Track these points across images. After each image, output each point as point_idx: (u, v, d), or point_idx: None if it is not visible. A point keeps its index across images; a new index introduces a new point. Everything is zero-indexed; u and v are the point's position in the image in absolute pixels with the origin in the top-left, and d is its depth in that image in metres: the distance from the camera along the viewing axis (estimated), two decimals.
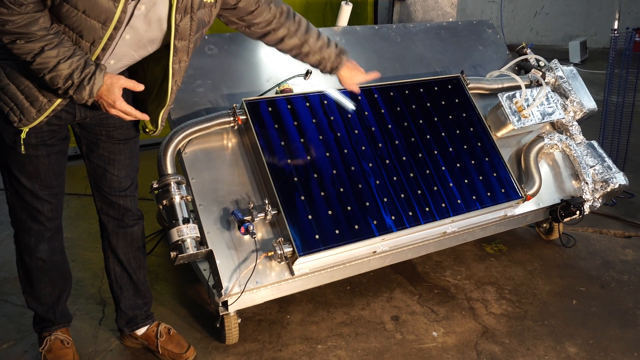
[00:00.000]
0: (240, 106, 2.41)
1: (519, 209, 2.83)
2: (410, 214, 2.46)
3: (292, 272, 2.25)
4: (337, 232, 2.29)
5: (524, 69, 3.27)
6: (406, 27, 3.22)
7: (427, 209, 2.51)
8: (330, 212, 2.32)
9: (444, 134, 2.74)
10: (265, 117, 2.41)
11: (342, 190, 2.39)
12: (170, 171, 2.19)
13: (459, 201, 2.59)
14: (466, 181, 2.65)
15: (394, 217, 2.42)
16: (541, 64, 3.27)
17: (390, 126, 2.64)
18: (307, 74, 2.69)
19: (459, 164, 2.68)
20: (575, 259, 3.12)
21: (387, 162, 2.54)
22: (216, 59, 2.63)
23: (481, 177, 2.69)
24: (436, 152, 2.67)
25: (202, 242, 2.17)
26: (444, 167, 2.64)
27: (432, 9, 4.46)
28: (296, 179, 2.33)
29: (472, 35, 3.37)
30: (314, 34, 2.18)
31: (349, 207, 2.36)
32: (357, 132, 2.56)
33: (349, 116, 2.58)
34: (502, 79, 3.07)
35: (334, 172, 2.42)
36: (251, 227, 2.15)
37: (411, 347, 2.40)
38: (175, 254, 2.07)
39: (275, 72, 2.71)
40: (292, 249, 2.19)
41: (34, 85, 1.69)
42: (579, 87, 3.20)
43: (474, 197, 2.63)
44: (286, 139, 2.40)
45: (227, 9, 1.95)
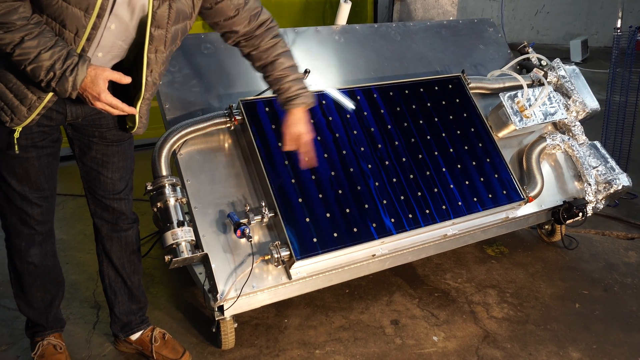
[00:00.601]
0: (236, 106, 2.36)
1: (520, 211, 2.78)
2: (410, 216, 2.42)
3: (289, 276, 2.20)
4: (335, 235, 2.25)
5: (525, 68, 3.22)
6: (406, 26, 3.17)
7: (427, 211, 2.46)
8: (328, 215, 2.27)
9: (444, 134, 2.69)
10: (262, 117, 2.37)
11: (340, 192, 2.34)
12: (164, 173, 2.15)
13: (460, 203, 2.54)
14: (467, 182, 2.60)
15: (393, 220, 2.38)
16: (543, 63, 3.22)
17: (389, 127, 2.59)
18: (306, 73, 2.64)
19: (459, 165, 2.64)
20: (577, 262, 3.08)
21: (387, 163, 2.49)
22: (212, 58, 2.58)
23: (482, 179, 2.65)
24: (436, 153, 2.62)
25: (197, 245, 2.12)
26: (444, 169, 2.59)
27: (432, 7, 4.42)
28: (294, 181, 2.28)
29: (473, 34, 3.33)
30: (285, 63, 2.02)
31: (347, 210, 2.31)
32: (356, 132, 2.51)
33: (348, 116, 2.53)
34: (504, 79, 3.02)
35: (333, 173, 2.37)
36: (247, 231, 2.10)
37: (411, 352, 2.36)
38: (169, 257, 2.02)
39: None
40: (289, 253, 2.15)
41: (22, 82, 1.64)
42: (581, 86, 3.15)
43: (475, 199, 2.58)
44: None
45: (206, 9, 1.86)
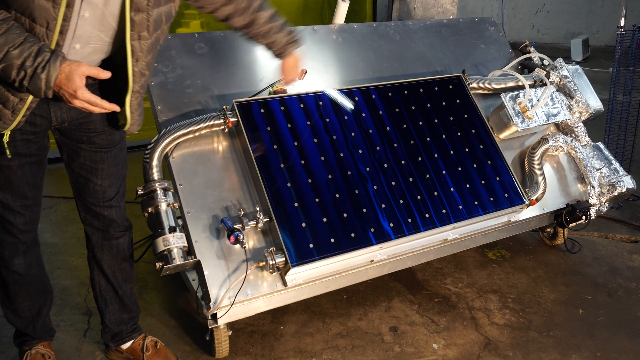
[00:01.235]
0: (231, 108, 2.29)
1: (522, 214, 2.72)
2: (409, 220, 2.35)
3: (284, 283, 2.14)
4: (332, 240, 2.18)
5: (527, 68, 3.15)
6: (405, 25, 3.10)
7: (427, 215, 2.39)
8: (325, 220, 2.20)
9: (444, 136, 2.62)
10: (257, 119, 2.30)
11: (337, 196, 2.28)
12: (156, 176, 2.08)
13: (461, 207, 2.47)
14: (468, 186, 2.54)
15: (392, 224, 2.31)
16: (545, 62, 3.15)
17: (388, 128, 2.53)
18: (302, 73, 2.57)
19: (460, 168, 2.57)
20: (580, 265, 3.01)
21: (385, 166, 2.43)
22: (206, 58, 2.52)
23: (483, 182, 2.58)
24: (436, 155, 2.55)
25: (189, 251, 2.05)
26: (444, 171, 2.53)
27: (432, 6, 4.34)
28: (289, 185, 2.22)
29: (473, 33, 3.26)
30: (263, 16, 2.03)
31: (345, 214, 2.25)
32: (354, 134, 2.44)
33: (346, 118, 2.46)
34: (505, 79, 2.96)
35: (330, 177, 2.30)
36: (241, 237, 2.03)
37: None
38: (161, 264, 1.96)
39: (268, 72, 2.59)
40: (284, 259, 2.08)
41: (1, 86, 1.57)
42: (584, 86, 3.09)
43: (476, 203, 2.51)
44: (279, 142, 2.29)
45: None
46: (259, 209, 2.15)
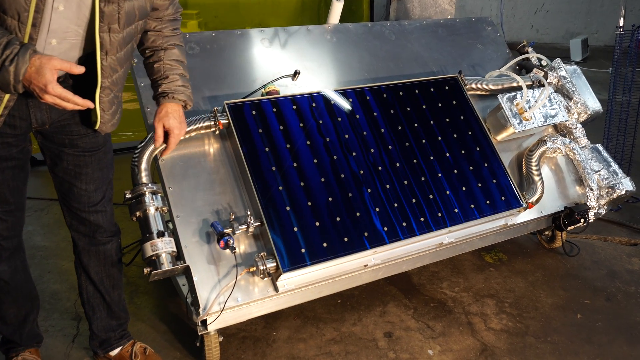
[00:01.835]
0: (222, 109, 2.25)
1: (520, 218, 2.67)
2: (404, 224, 2.31)
3: (276, 288, 2.09)
4: (325, 245, 2.13)
5: (525, 68, 3.11)
6: (401, 25, 3.06)
7: (422, 219, 2.35)
8: (317, 224, 2.16)
9: (440, 138, 2.58)
10: (248, 120, 2.26)
11: (331, 199, 2.23)
12: (145, 180, 2.03)
13: (457, 210, 2.43)
14: (464, 188, 2.49)
15: (386, 228, 2.26)
16: (543, 63, 3.11)
17: (383, 130, 2.48)
18: (295, 74, 2.54)
19: (456, 170, 2.52)
20: (579, 269, 2.97)
21: (380, 168, 2.38)
22: (197, 59, 2.47)
23: (480, 184, 2.54)
24: (432, 157, 2.51)
25: (178, 256, 2.01)
26: (440, 174, 2.48)
27: (429, 6, 4.30)
28: (281, 188, 2.17)
29: (470, 33, 3.21)
30: (174, 54, 1.92)
31: (338, 218, 2.20)
32: (347, 136, 2.40)
33: (339, 120, 2.42)
34: (502, 79, 2.91)
35: (323, 180, 2.26)
36: (231, 241, 1.99)
37: None
38: (149, 270, 1.91)
39: (261, 73, 2.55)
40: (275, 264, 2.03)
41: None
42: (582, 87, 3.04)
43: (473, 206, 2.47)
44: (271, 144, 2.24)
45: None
46: (250, 212, 2.10)
